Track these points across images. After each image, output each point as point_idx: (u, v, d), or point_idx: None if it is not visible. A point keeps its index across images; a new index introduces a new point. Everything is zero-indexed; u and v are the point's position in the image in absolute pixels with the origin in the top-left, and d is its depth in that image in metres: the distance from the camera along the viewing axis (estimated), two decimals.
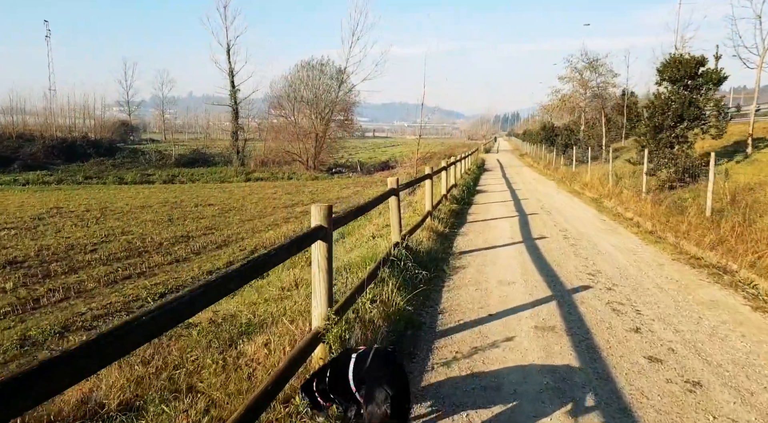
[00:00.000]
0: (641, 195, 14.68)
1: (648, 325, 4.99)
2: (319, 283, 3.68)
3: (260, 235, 18.33)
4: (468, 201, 14.76)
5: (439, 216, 10.70)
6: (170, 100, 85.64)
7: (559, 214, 12.59)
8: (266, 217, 22.60)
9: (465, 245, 8.71)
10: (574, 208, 13.87)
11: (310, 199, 29.07)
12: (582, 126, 30.02)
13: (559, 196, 17.05)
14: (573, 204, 14.85)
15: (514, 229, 10.41)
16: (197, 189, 34.00)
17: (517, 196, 16.33)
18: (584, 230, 10.40)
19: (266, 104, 46.16)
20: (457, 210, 12.57)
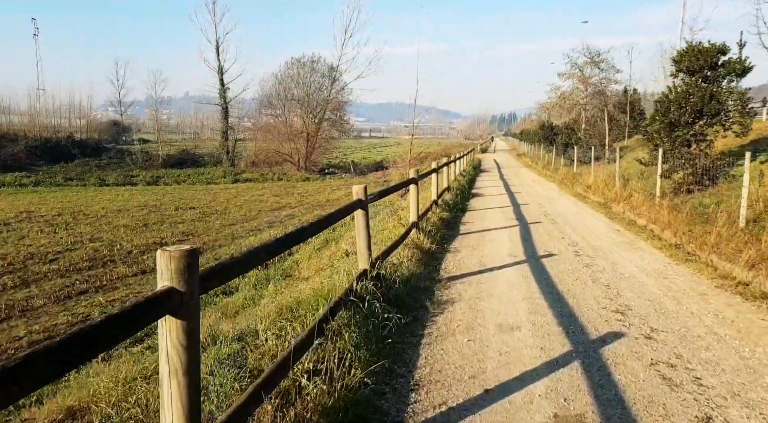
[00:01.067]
0: (655, 199, 13.02)
1: (721, 409, 3.31)
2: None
3: (239, 241, 16.80)
4: (462, 207, 13.06)
5: (427, 227, 9.00)
6: (164, 100, 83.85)
7: (565, 223, 10.91)
8: (250, 222, 21.01)
9: (455, 267, 7.01)
10: (581, 215, 12.18)
11: (298, 201, 27.44)
12: (582, 124, 28.36)
13: (563, 199, 15.36)
14: (579, 210, 13.17)
15: (515, 242, 8.71)
16: (181, 191, 32.30)
17: (517, 201, 14.64)
18: (598, 244, 8.71)
19: (257, 103, 44.40)
20: (449, 218, 10.87)
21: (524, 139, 56.76)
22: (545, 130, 34.14)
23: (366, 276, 5.01)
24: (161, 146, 46.44)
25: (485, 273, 6.67)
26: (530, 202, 14.58)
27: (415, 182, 8.35)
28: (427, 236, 8.20)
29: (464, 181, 18.77)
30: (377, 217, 12.84)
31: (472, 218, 11.49)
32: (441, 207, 11.64)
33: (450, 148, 62.79)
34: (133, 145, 54.23)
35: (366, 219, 5.30)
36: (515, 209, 12.92)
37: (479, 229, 9.95)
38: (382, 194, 6.11)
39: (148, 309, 1.86)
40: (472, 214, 12.17)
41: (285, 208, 24.70)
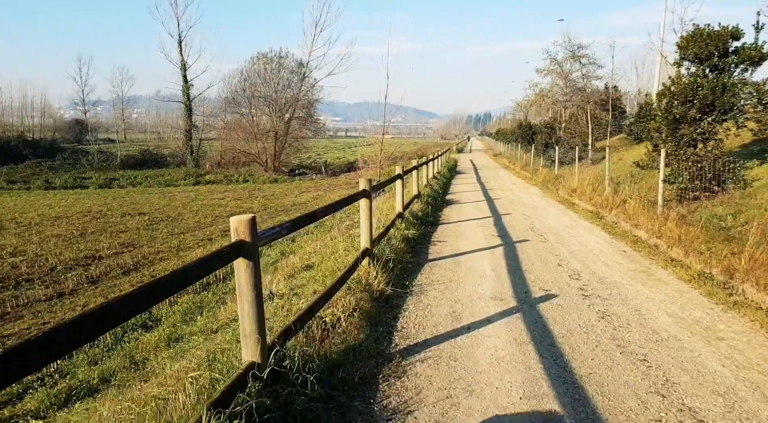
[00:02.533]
0: (656, 208, 11.02)
1: None
2: None
3: (185, 254, 14.42)
4: (434, 219, 10.84)
5: (385, 252, 6.73)
6: (133, 99, 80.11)
7: (558, 240, 8.77)
8: (203, 229, 18.47)
9: (417, 325, 4.74)
10: (574, 229, 10.07)
11: (262, 205, 24.91)
12: (563, 123, 26.49)
13: (549, 208, 13.28)
14: (570, 221, 11.07)
15: (500, 275, 6.50)
16: (135, 194, 29.47)
17: (497, 210, 12.49)
18: (606, 274, 6.57)
19: (222, 100, 41.53)
20: (417, 237, 8.60)
21: (500, 138, 55.01)
22: (523, 129, 32.23)
23: (247, 381, 2.72)
24: (119, 147, 43.23)
25: (461, 336, 4.43)
26: (512, 210, 12.45)
27: (366, 196, 6.07)
28: (383, 269, 5.93)
29: (438, 185, 16.57)
30: (327, 233, 10.55)
31: (445, 235, 9.25)
32: (408, 221, 9.39)
33: (426, 148, 60.77)
34: (98, 145, 50.75)
35: (254, 275, 3.00)
36: (496, 221, 10.75)
37: (453, 253, 7.71)
38: (294, 225, 3.81)
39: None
40: (446, 229, 9.94)
41: (245, 214, 22.12)
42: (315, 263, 7.19)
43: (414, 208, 10.82)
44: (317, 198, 27.44)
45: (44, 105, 53.94)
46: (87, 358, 6.94)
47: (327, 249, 8.08)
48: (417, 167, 12.02)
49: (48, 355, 1.59)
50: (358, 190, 6.05)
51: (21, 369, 1.50)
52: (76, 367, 6.65)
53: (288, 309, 4.69)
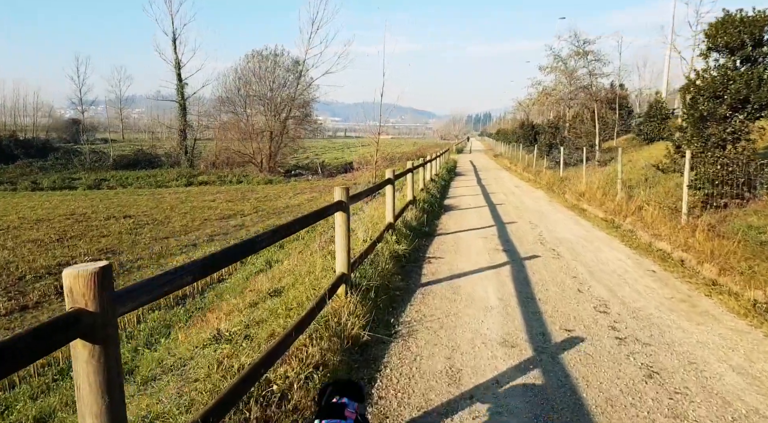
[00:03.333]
0: (680, 217, 9.73)
1: None
2: None
3: (166, 261, 13.19)
4: (430, 229, 9.52)
5: (367, 275, 5.42)
6: (133, 98, 78.81)
7: (573, 256, 7.47)
8: (189, 234, 17.23)
9: (401, 392, 3.43)
10: (590, 241, 8.76)
11: (253, 208, 23.63)
12: (567, 123, 25.18)
13: (557, 214, 11.97)
14: (584, 231, 9.76)
15: (509, 306, 5.20)
16: (124, 196, 28.22)
17: (501, 217, 11.19)
18: (639, 304, 5.28)
19: (216, 99, 40.20)
20: (408, 253, 7.28)
21: (501, 139, 53.68)
22: (525, 129, 30.88)
23: None
24: (111, 147, 41.96)
25: (461, 411, 3.14)
26: (517, 218, 11.15)
27: (342, 209, 4.77)
28: (363, 301, 4.64)
29: (436, 188, 15.27)
30: (316, 241, 9.24)
31: (442, 249, 7.95)
32: (400, 232, 8.08)
33: (425, 149, 59.44)
34: (92, 145, 49.44)
35: (108, 369, 1.70)
36: (500, 231, 9.44)
37: (451, 274, 6.41)
38: (231, 257, 2.50)
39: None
40: (443, 241, 8.62)
41: (236, 217, 20.93)
42: (286, 286, 5.91)
43: (408, 217, 9.51)
44: (312, 200, 26.17)
45: (37, 104, 52.65)
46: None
47: (304, 265, 6.78)
48: (412, 170, 10.72)
49: None
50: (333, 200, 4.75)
51: None
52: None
53: (224, 370, 3.39)
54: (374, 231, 7.51)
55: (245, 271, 10.35)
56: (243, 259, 8.01)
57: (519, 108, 39.57)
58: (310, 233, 13.34)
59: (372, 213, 10.26)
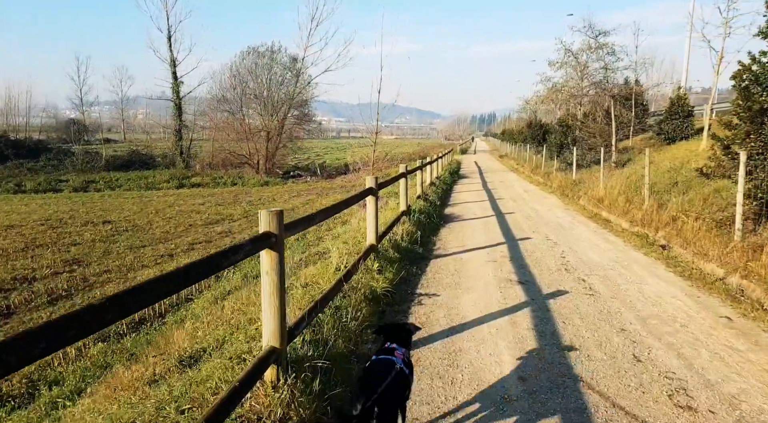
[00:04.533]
0: (733, 233, 7.80)
1: None
2: None
3: (135, 274, 11.48)
4: (424, 250, 7.60)
5: (320, 348, 3.53)
6: (135, 99, 77.28)
7: (614, 295, 5.54)
8: (169, 242, 15.48)
9: None
10: (628, 267, 6.82)
11: (244, 212, 21.78)
12: (578, 121, 23.18)
13: (578, 227, 10.03)
14: (616, 252, 7.81)
15: (535, 393, 3.30)
16: (110, 199, 26.46)
17: (511, 231, 9.27)
18: (733, 386, 3.36)
19: (211, 98, 38.41)
20: (391, 291, 5.34)
21: (506, 139, 51.63)
22: (533, 128, 28.84)
23: None
24: (104, 147, 40.30)
25: None
26: (531, 231, 9.23)
27: (269, 247, 2.90)
28: (305, 394, 2.78)
29: (436, 194, 13.34)
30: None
31: (437, 282, 6.02)
32: (384, 257, 6.20)
33: (429, 149, 57.55)
34: (87, 146, 47.77)
35: None
36: (513, 252, 7.52)
37: (449, 327, 4.50)
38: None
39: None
40: (440, 268, 6.69)
41: (224, 222, 19.11)
42: (209, 349, 4.03)
43: (398, 234, 7.62)
44: (308, 203, 24.32)
45: (29, 104, 51.11)
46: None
47: (226, 325, 4.74)
48: (405, 175, 8.82)
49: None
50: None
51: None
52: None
53: None
54: (349, 259, 5.63)
55: (217, 288, 8.56)
56: (166, 298, 6.14)
57: (525, 107, 37.56)
58: (300, 241, 11.53)
59: (358, 226, 8.40)
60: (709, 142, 11.10)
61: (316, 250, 7.68)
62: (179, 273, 2.21)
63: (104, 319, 1.74)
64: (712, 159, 9.05)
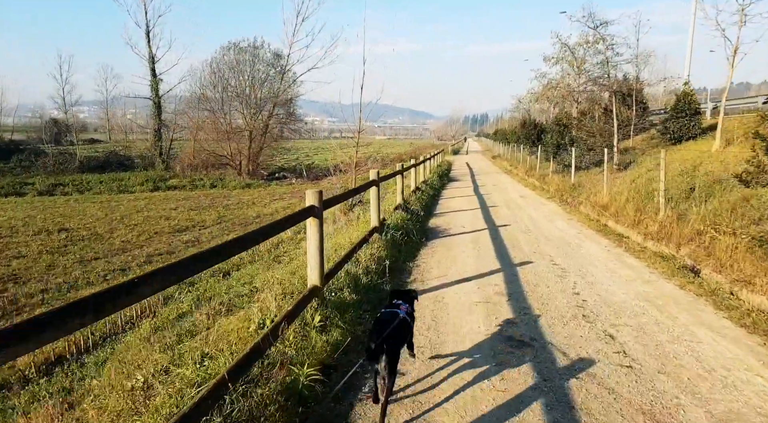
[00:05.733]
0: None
1: None
2: None
3: (75, 295, 9.64)
4: (394, 286, 5.75)
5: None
6: (119, 98, 74.64)
7: (661, 365, 3.71)
8: (127, 253, 13.67)
9: None
10: (666, 311, 4.99)
11: (219, 217, 19.88)
12: (574, 120, 21.42)
13: (587, 244, 8.21)
14: (642, 283, 5.99)
15: None
16: (76, 203, 24.37)
17: (508, 252, 7.43)
18: None
19: (190, 95, 36.33)
20: (333, 364, 3.50)
21: (499, 139, 49.87)
22: (527, 128, 27.04)
23: None
24: (78, 148, 38.12)
25: None
26: (532, 250, 7.41)
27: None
28: None
29: (420, 202, 11.48)
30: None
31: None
32: (334, 304, 4.36)
33: (421, 149, 55.77)
34: (51, 147, 45.38)
35: None
36: (511, 285, 5.69)
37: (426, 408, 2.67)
38: None
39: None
40: (426, 303, 4.85)
41: (193, 229, 17.16)
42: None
43: (362, 260, 5.77)
44: (288, 207, 22.43)
45: (2, 104, 48.74)
46: None
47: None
48: (377, 182, 6.97)
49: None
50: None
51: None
52: None
53: None
54: (278, 309, 3.78)
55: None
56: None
57: (519, 106, 35.84)
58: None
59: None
60: (722, 143, 9.32)
61: (247, 290, 5.81)
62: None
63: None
64: (752, 163, 7.27)
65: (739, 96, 24.53)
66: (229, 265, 11.05)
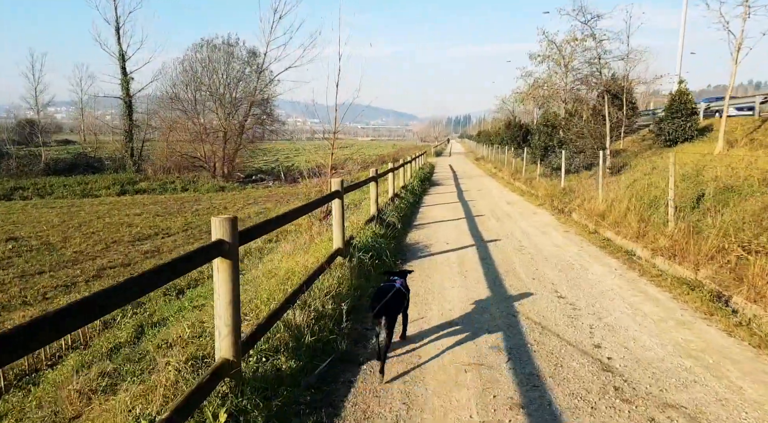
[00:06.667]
0: None
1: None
2: None
3: (8, 316, 7.98)
4: (350, 345, 4.26)
5: None
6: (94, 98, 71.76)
7: None
8: (78, 265, 12.26)
9: None
10: (718, 368, 3.60)
11: (186, 223, 18.21)
12: (563, 120, 20.19)
13: (593, 266, 6.82)
14: (673, 321, 4.59)
15: None
16: (34, 209, 22.44)
17: (502, 282, 5.99)
18: None
19: (162, 94, 34.38)
20: None
21: (483, 141, 48.72)
22: (513, 129, 25.76)
23: None
24: (43, 150, 35.88)
25: None
26: (531, 278, 6.00)
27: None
28: None
29: (398, 212, 9.97)
30: None
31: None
32: (254, 385, 2.86)
33: (403, 150, 54.41)
34: (12, 148, 42.93)
35: None
36: (511, 342, 4.25)
37: None
38: None
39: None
40: (366, 409, 3.36)
41: (156, 237, 15.50)
42: None
43: (317, 296, 4.27)
44: (262, 212, 20.81)
45: None
46: None
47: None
48: (341, 193, 5.50)
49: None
50: None
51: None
52: None
53: None
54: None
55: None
56: None
57: (503, 106, 34.65)
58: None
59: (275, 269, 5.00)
60: (725, 145, 8.07)
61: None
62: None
63: None
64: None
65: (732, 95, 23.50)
66: (187, 280, 9.55)
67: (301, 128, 46.35)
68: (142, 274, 2.18)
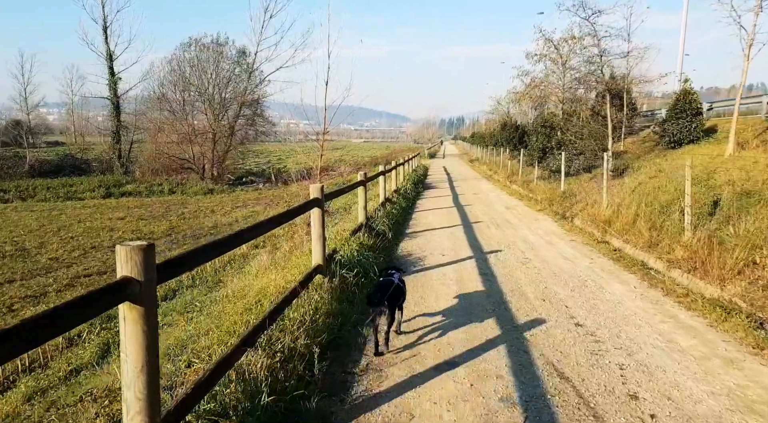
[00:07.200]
0: None
1: None
2: None
3: None
4: (348, 354, 3.41)
5: None
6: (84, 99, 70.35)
7: None
8: (52, 273, 11.48)
9: None
10: None
11: (170, 228, 17.26)
12: (561, 121, 19.42)
13: (611, 283, 5.97)
14: (718, 360, 3.75)
15: None
16: (14, 212, 21.41)
17: (507, 304, 5.15)
18: None
19: (150, 95, 33.35)
20: None
21: (477, 142, 47.98)
22: (508, 130, 24.96)
23: None
24: (27, 151, 34.76)
25: None
26: (540, 299, 5.16)
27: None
28: None
29: (388, 220, 9.09)
30: None
31: None
32: None
33: (396, 152, 53.58)
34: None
35: None
36: (522, 391, 3.42)
37: None
38: None
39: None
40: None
41: (137, 242, 14.26)
42: None
43: (288, 329, 3.41)
44: (251, 216, 19.84)
45: None
46: None
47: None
48: (320, 202, 4.65)
49: None
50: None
51: None
52: None
53: None
54: None
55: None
56: None
57: (497, 108, 33.91)
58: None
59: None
60: (736, 147, 7.30)
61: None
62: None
63: None
64: None
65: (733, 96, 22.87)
66: (164, 290, 8.68)
67: (294, 129, 45.57)
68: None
